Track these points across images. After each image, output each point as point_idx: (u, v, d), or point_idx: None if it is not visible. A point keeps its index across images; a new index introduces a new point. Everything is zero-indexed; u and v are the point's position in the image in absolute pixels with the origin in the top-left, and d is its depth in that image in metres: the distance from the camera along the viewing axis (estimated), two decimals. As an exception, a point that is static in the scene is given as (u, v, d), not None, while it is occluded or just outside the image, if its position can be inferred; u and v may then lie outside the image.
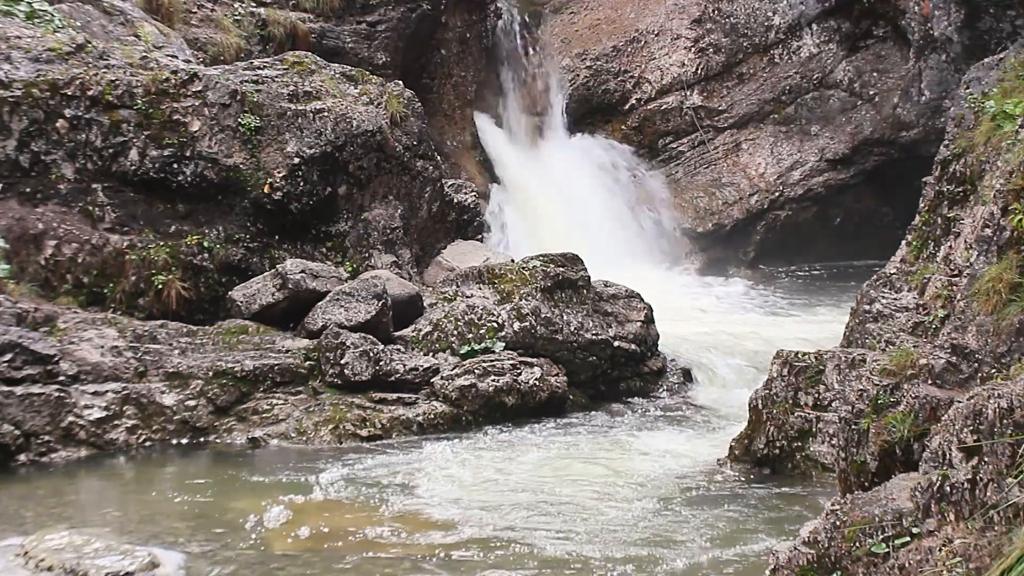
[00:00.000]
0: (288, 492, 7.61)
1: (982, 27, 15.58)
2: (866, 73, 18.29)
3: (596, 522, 7.05)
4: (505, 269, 10.61)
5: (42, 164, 9.95)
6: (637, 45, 18.40)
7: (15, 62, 10.02)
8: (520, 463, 8.45)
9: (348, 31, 15.72)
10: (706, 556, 6.43)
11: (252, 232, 10.49)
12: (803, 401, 7.97)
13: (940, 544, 4.09)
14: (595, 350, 10.42)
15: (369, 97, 11.35)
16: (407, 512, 7.23)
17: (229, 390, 9.12)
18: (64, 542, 6.22)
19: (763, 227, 18.39)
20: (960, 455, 4.28)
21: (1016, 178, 5.91)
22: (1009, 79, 7.77)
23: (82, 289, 9.84)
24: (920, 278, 7.81)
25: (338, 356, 9.34)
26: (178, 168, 10.25)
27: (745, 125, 18.55)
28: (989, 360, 5.70)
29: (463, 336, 9.94)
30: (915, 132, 17.69)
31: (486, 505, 7.39)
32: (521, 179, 17.32)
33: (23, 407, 8.26)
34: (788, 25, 18.34)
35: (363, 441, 8.96)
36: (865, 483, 5.74)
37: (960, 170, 7.89)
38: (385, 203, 11.28)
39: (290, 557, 6.43)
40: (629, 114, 18.43)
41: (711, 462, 8.40)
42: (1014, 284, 5.65)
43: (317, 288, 9.90)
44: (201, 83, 10.44)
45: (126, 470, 8.36)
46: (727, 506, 7.41)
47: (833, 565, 4.51)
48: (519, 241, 15.78)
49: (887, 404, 5.92)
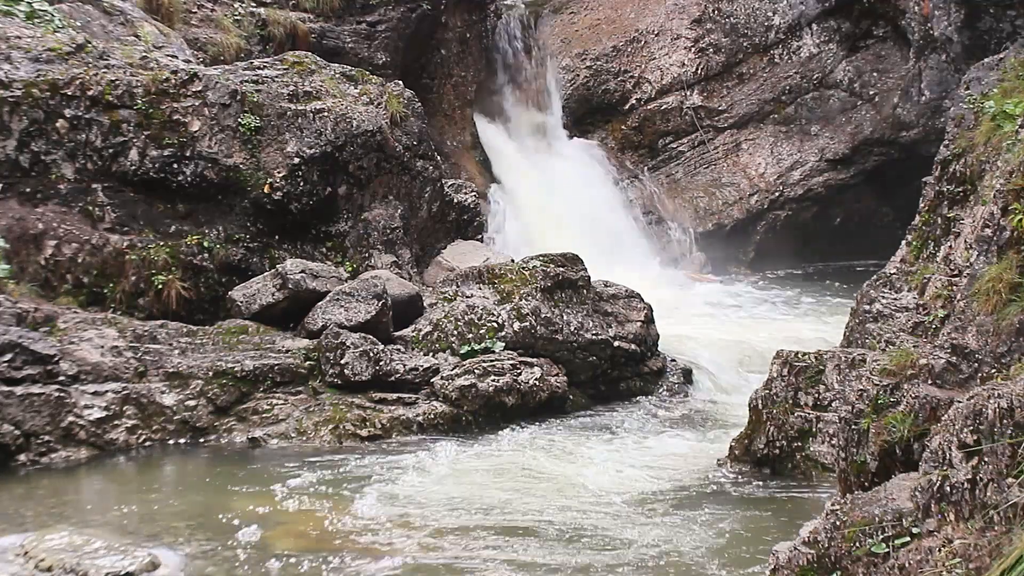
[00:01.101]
0: (288, 492, 7.62)
1: (982, 27, 15.59)
2: (866, 73, 18.29)
3: (596, 522, 7.04)
4: (505, 269, 10.60)
5: (42, 164, 9.95)
6: (637, 45, 18.41)
7: (15, 62, 10.02)
8: (520, 463, 8.45)
9: (348, 31, 15.72)
10: (706, 556, 6.43)
11: (252, 232, 10.49)
12: (803, 401, 7.97)
13: (940, 544, 4.09)
14: (595, 350, 10.42)
15: (369, 97, 11.35)
16: (407, 512, 7.23)
17: (229, 390, 9.12)
18: (64, 542, 6.22)
19: (763, 227, 18.39)
20: (960, 455, 4.27)
21: (1016, 178, 5.90)
22: (1009, 79, 7.77)
23: (82, 289, 9.84)
24: (920, 278, 7.81)
25: (338, 356, 9.34)
26: (178, 168, 10.25)
27: (745, 125, 18.55)
28: (989, 360, 5.70)
29: (463, 336, 9.94)
30: (915, 132, 17.70)
31: (486, 506, 7.39)
32: (521, 179, 17.32)
33: (23, 407, 8.26)
34: (788, 25, 18.34)
35: (363, 441, 8.96)
36: (865, 483, 5.74)
37: (960, 170, 7.89)
38: (385, 203, 11.28)
39: (290, 557, 6.43)
40: (629, 114, 18.43)
41: (711, 462, 8.40)
42: (1014, 284, 5.64)
43: (317, 288, 9.90)
44: (201, 83, 10.44)
45: (126, 470, 8.35)
46: (727, 506, 7.41)
47: (833, 565, 4.51)
48: (519, 241, 15.78)
49: (887, 404, 5.92)
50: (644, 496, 7.63)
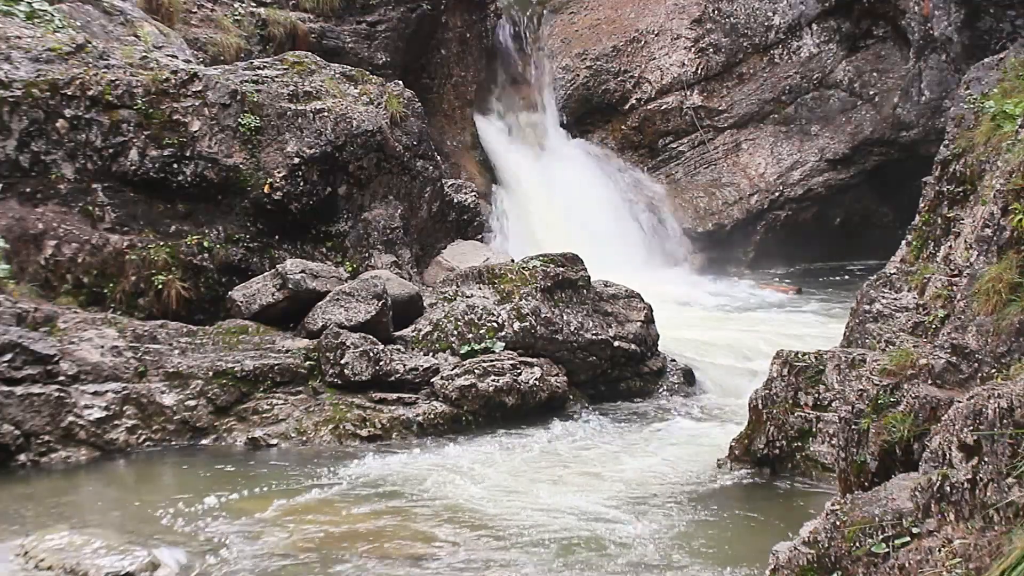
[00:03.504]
0: (288, 492, 7.62)
1: (982, 27, 15.59)
2: (866, 73, 18.30)
3: (596, 522, 7.04)
4: (505, 269, 10.60)
5: (42, 164, 9.94)
6: (637, 45, 18.41)
7: (15, 62, 10.01)
8: (519, 463, 8.45)
9: (348, 31, 15.72)
10: (706, 555, 6.43)
11: (252, 232, 10.49)
12: (803, 401, 7.97)
13: (940, 544, 4.09)
14: (595, 350, 10.42)
15: (369, 97, 11.35)
16: (407, 512, 7.23)
17: (229, 390, 9.12)
18: (64, 542, 6.22)
19: (763, 227, 18.40)
20: (960, 455, 4.27)
21: (1016, 178, 5.91)
22: (1009, 79, 7.77)
23: (82, 289, 9.84)
24: (920, 278, 7.81)
25: (338, 356, 9.34)
26: (178, 168, 10.25)
27: (745, 125, 18.55)
28: (989, 360, 5.70)
29: (463, 336, 9.94)
30: (915, 132, 17.70)
31: (486, 506, 7.39)
32: (521, 179, 17.33)
33: (23, 407, 8.26)
34: (788, 25, 18.35)
35: (363, 441, 8.96)
36: (865, 483, 5.75)
37: (960, 170, 7.88)
38: (385, 203, 11.28)
39: (290, 557, 6.43)
40: (629, 114, 18.43)
41: (711, 462, 8.40)
42: (1014, 284, 5.65)
43: (317, 288, 9.90)
44: (201, 83, 10.44)
45: (126, 470, 8.35)
46: (727, 506, 7.41)
47: (833, 565, 4.51)
48: (519, 241, 15.79)
49: (887, 404, 5.92)
50: (643, 496, 7.62)
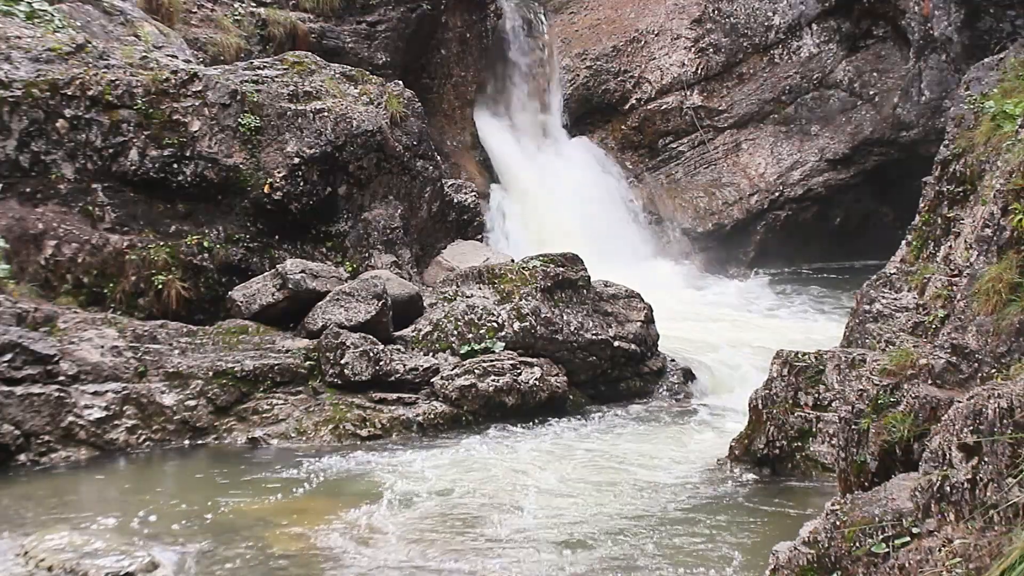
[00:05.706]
0: (288, 492, 7.63)
1: (982, 27, 15.60)
2: (866, 73, 18.30)
3: (596, 523, 7.04)
4: (505, 269, 10.60)
5: (42, 164, 9.95)
6: (637, 45, 18.41)
7: (15, 62, 10.01)
8: (519, 463, 8.45)
9: (348, 31, 15.72)
10: (705, 555, 6.43)
11: (252, 232, 10.49)
12: (803, 401, 7.97)
13: (940, 544, 4.09)
14: (595, 350, 10.42)
15: (369, 97, 11.35)
16: (407, 512, 7.23)
17: (229, 390, 9.12)
18: (64, 542, 6.22)
19: (763, 227, 18.40)
20: (960, 455, 4.27)
21: (1016, 178, 5.91)
22: (1009, 79, 7.77)
23: (82, 289, 9.84)
24: (920, 278, 7.81)
25: (338, 356, 9.34)
26: (178, 168, 10.25)
27: (745, 125, 18.56)
28: (989, 360, 5.70)
29: (463, 336, 9.94)
30: (915, 132, 17.71)
31: (487, 507, 7.39)
32: (521, 179, 17.33)
33: (23, 407, 8.26)
34: (788, 25, 18.35)
35: (363, 441, 8.96)
36: (865, 483, 5.75)
37: (960, 170, 7.88)
38: (385, 203, 11.28)
39: (290, 557, 6.43)
40: (629, 114, 18.44)
41: (711, 462, 8.40)
42: (1014, 284, 5.65)
43: (317, 288, 9.90)
44: (201, 83, 10.44)
45: (126, 470, 8.35)
46: (726, 506, 7.41)
47: (833, 565, 4.51)
48: (519, 241, 15.79)
49: (887, 404, 5.92)
50: (643, 496, 7.62)
